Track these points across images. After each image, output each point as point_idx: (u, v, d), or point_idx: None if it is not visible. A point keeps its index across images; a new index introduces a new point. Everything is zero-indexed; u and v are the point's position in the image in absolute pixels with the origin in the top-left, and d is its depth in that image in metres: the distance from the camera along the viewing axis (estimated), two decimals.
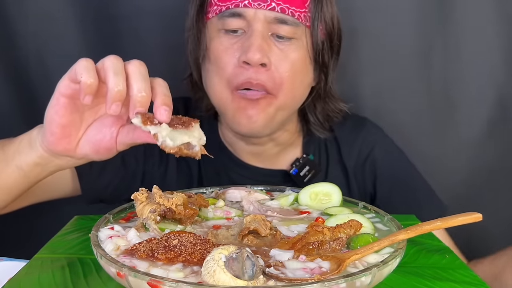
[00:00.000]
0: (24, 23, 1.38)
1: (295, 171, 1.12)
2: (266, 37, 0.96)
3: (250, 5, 0.95)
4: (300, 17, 0.96)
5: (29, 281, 0.64)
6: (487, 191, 1.47)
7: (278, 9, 0.95)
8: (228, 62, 0.97)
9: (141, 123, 0.67)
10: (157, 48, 1.42)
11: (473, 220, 0.62)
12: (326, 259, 0.57)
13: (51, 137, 0.77)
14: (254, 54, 0.93)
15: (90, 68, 0.70)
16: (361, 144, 1.17)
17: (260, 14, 0.95)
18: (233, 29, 0.98)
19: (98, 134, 0.79)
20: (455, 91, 1.44)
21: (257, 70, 0.95)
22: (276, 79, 0.97)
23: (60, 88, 0.74)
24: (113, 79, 0.68)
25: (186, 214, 0.68)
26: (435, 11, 1.39)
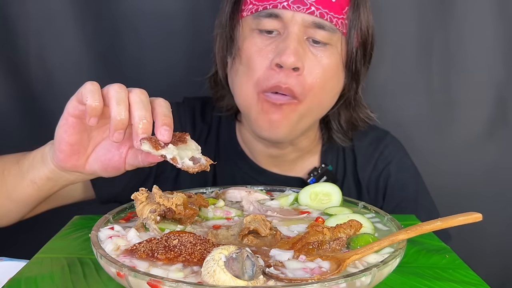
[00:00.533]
0: (25, 23, 1.39)
1: (312, 181, 1.11)
2: (301, 41, 0.94)
3: (289, 7, 0.92)
4: (337, 24, 0.95)
5: (29, 281, 0.64)
6: (487, 191, 1.48)
7: (317, 13, 0.93)
8: (260, 63, 0.95)
9: (151, 148, 0.69)
10: (156, 48, 1.42)
11: (473, 220, 0.62)
12: (326, 259, 0.57)
13: (60, 155, 0.80)
14: (288, 57, 0.91)
15: (95, 91, 0.73)
16: (377, 158, 1.15)
17: (298, 17, 0.93)
18: (268, 30, 0.95)
19: (107, 153, 0.81)
20: (455, 91, 1.44)
21: (289, 73, 0.93)
22: (306, 85, 0.95)
23: (68, 108, 0.77)
24: (115, 108, 0.71)
25: (186, 214, 0.68)
26: (435, 11, 1.39)
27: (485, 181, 1.47)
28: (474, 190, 1.47)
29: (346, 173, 1.15)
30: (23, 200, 0.91)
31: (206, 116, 1.17)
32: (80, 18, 1.40)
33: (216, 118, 1.16)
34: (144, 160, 0.78)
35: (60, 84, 1.43)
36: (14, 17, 1.38)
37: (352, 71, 1.01)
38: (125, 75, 1.45)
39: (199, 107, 1.17)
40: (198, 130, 1.16)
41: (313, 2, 0.93)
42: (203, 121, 1.16)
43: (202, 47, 1.09)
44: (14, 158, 0.93)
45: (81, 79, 1.48)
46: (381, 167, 1.15)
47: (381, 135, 1.19)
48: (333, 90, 1.02)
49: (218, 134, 1.16)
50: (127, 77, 1.45)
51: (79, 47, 1.42)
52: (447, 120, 1.46)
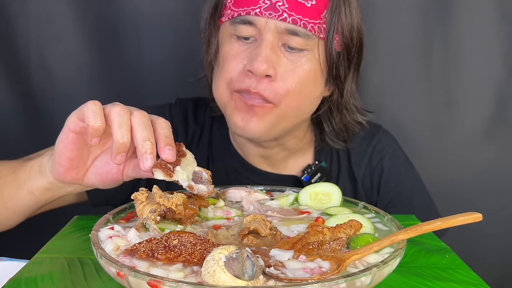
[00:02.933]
0: (25, 23, 1.39)
1: (306, 178, 1.10)
2: (275, 47, 0.94)
3: (261, 14, 0.92)
4: (313, 29, 0.94)
5: (29, 281, 0.64)
6: (487, 191, 1.48)
7: (289, 20, 0.92)
8: (234, 67, 0.96)
9: (165, 176, 0.71)
10: (156, 48, 1.43)
11: (473, 220, 0.62)
12: (326, 259, 0.57)
13: (60, 168, 0.81)
14: (259, 65, 0.92)
15: (97, 112, 0.74)
16: (371, 153, 1.15)
17: (271, 24, 0.93)
18: (244, 36, 0.96)
19: (105, 166, 0.83)
20: (455, 90, 1.44)
21: (260, 79, 0.94)
22: (280, 90, 0.95)
23: (69, 124, 0.78)
24: (118, 131, 0.73)
25: (186, 214, 0.68)
26: (435, 11, 1.39)
27: (485, 181, 1.47)
28: (474, 190, 1.47)
29: (341, 169, 1.15)
30: (20, 208, 0.92)
31: (198, 117, 1.17)
32: (80, 18, 1.40)
33: (209, 118, 1.16)
34: (143, 174, 0.79)
35: (60, 84, 1.43)
36: (14, 17, 1.38)
37: (333, 75, 1.00)
38: (125, 75, 1.45)
39: (191, 107, 1.18)
40: (190, 131, 1.16)
41: (286, 9, 0.92)
42: (196, 122, 1.17)
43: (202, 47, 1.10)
44: (10, 167, 0.93)
45: (81, 79, 1.50)
46: (375, 162, 1.15)
47: (373, 129, 1.18)
48: (312, 95, 1.01)
49: (211, 134, 1.16)
50: (127, 77, 1.45)
51: (79, 47, 1.42)
52: (447, 120, 1.46)
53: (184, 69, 1.15)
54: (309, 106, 1.03)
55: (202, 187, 0.75)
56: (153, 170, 0.71)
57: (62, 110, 1.42)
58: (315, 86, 1.00)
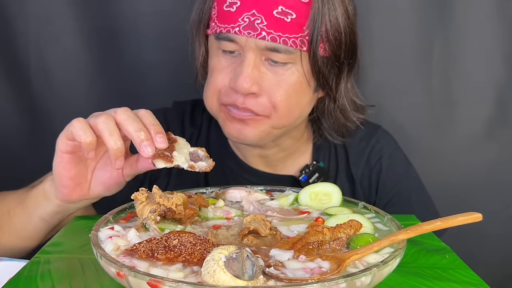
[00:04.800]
0: (24, 23, 1.39)
1: (304, 178, 1.11)
2: (258, 64, 0.94)
3: (240, 33, 0.92)
4: (295, 44, 0.92)
5: (29, 281, 0.64)
6: (487, 191, 1.48)
7: (268, 38, 0.91)
8: (221, 81, 0.97)
9: (166, 163, 0.75)
10: (156, 47, 1.43)
11: (473, 220, 0.62)
12: (326, 259, 0.57)
13: (64, 190, 0.85)
14: (242, 84, 0.92)
15: (85, 128, 0.77)
16: (369, 153, 1.15)
17: (251, 42, 0.92)
18: (229, 50, 0.96)
19: (105, 173, 0.86)
20: (455, 90, 1.44)
21: (246, 96, 0.94)
22: (267, 104, 0.95)
23: (60, 146, 0.81)
24: (110, 139, 0.76)
25: (186, 214, 0.68)
26: (435, 11, 1.39)
27: (485, 181, 1.47)
28: (474, 190, 1.47)
29: (339, 169, 1.15)
30: (34, 236, 0.94)
31: (195, 119, 1.17)
32: (80, 18, 1.40)
33: (207, 120, 1.16)
34: (142, 168, 0.83)
35: (60, 84, 1.43)
36: (13, 17, 1.38)
37: (322, 83, 0.99)
38: (125, 75, 1.45)
39: (188, 110, 1.18)
40: (188, 133, 1.16)
41: (265, 27, 0.91)
42: (192, 125, 1.17)
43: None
44: (17, 198, 0.96)
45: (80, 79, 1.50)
46: (373, 162, 1.15)
47: (372, 129, 1.18)
48: (301, 104, 1.01)
49: (209, 136, 1.16)
50: (126, 77, 1.45)
51: (78, 47, 1.42)
52: (447, 120, 1.46)
53: (184, 70, 1.15)
54: (300, 113, 1.03)
55: (202, 163, 0.78)
56: (154, 161, 0.74)
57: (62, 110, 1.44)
58: (302, 96, 0.99)
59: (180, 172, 1.14)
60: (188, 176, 1.13)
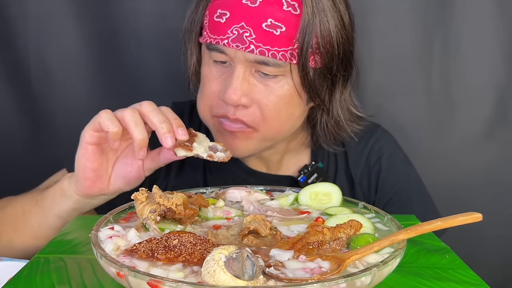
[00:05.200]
0: (24, 24, 1.39)
1: (303, 179, 1.10)
2: (248, 76, 0.93)
3: (229, 45, 0.91)
4: (284, 57, 0.91)
5: (29, 281, 0.64)
6: (487, 191, 1.48)
7: (257, 51, 0.89)
8: (212, 92, 0.97)
9: (186, 152, 0.84)
10: (156, 48, 1.43)
11: (473, 220, 0.62)
12: (326, 259, 0.57)
13: (86, 182, 0.89)
14: (230, 96, 0.92)
15: (112, 118, 0.84)
16: (368, 153, 1.14)
17: (239, 54, 0.91)
18: (220, 60, 0.96)
19: (126, 167, 0.92)
20: (455, 90, 1.44)
21: (236, 107, 0.94)
22: (257, 115, 0.95)
23: (86, 138, 0.87)
24: (135, 130, 0.83)
25: (186, 214, 0.68)
26: (435, 11, 1.39)
27: (485, 181, 1.47)
28: (474, 191, 1.47)
29: (338, 169, 1.14)
30: (49, 234, 0.94)
31: (194, 120, 1.16)
32: (80, 18, 1.40)
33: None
34: (164, 159, 0.90)
35: (60, 85, 1.43)
36: (13, 18, 1.38)
37: (313, 95, 0.98)
38: (125, 76, 1.45)
39: (187, 111, 1.18)
40: None
41: (253, 40, 0.89)
42: (191, 125, 1.16)
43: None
44: (31, 199, 0.99)
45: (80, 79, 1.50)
46: (373, 162, 1.14)
47: (372, 129, 1.17)
48: (292, 116, 1.00)
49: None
50: (127, 77, 1.45)
51: (78, 47, 1.42)
52: (447, 120, 1.46)
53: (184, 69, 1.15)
54: (291, 125, 1.02)
55: (220, 154, 0.87)
56: (175, 150, 0.82)
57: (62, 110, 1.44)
58: (294, 108, 0.98)
59: (179, 173, 1.14)
60: (187, 176, 1.14)
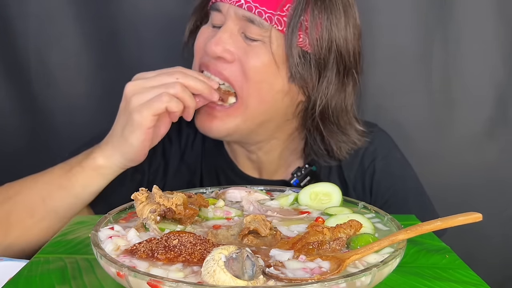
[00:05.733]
0: (24, 23, 1.39)
1: (296, 182, 1.09)
2: (234, 34, 0.96)
3: (223, 0, 0.96)
4: (270, 19, 0.93)
5: (29, 281, 0.64)
6: (487, 191, 1.48)
7: (245, 6, 0.93)
8: (199, 45, 1.02)
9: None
10: (156, 47, 1.42)
11: (473, 220, 0.62)
12: (326, 259, 0.57)
13: (142, 158, 0.97)
14: (211, 46, 0.94)
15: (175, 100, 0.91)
16: (362, 155, 1.12)
17: (231, 10, 0.95)
18: (216, 25, 0.99)
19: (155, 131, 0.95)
20: (455, 90, 1.44)
21: (217, 59, 0.96)
22: (237, 72, 0.96)
23: (148, 124, 0.91)
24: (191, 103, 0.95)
25: (186, 214, 0.68)
26: (435, 11, 1.39)
27: (485, 181, 1.47)
28: (474, 190, 1.47)
29: (331, 172, 1.13)
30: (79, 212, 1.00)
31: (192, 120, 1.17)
32: (80, 18, 1.40)
33: None
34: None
35: (60, 84, 1.43)
36: (13, 18, 1.38)
37: (295, 76, 0.97)
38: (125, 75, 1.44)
39: None
40: (184, 135, 1.17)
41: None
42: (189, 125, 1.16)
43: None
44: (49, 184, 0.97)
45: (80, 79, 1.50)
46: (367, 164, 1.12)
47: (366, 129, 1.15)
48: (273, 87, 0.98)
49: (204, 139, 1.16)
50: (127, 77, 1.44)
51: (78, 47, 1.42)
52: (447, 120, 1.46)
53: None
54: (273, 100, 0.99)
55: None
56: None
57: (62, 109, 1.44)
58: (274, 77, 0.97)
59: (176, 173, 1.14)
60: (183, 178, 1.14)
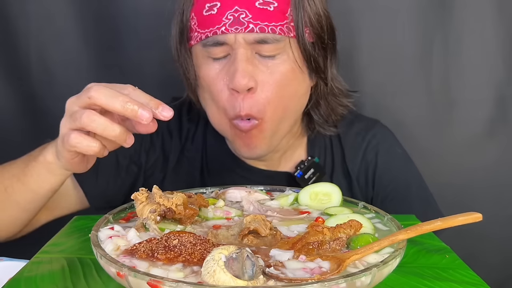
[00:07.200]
0: (25, 23, 1.39)
1: (299, 174, 1.10)
2: (250, 58, 0.93)
3: (228, 31, 0.91)
4: (282, 31, 0.93)
5: (29, 281, 0.64)
6: (487, 191, 1.48)
7: (257, 29, 0.91)
8: (220, 89, 0.96)
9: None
10: (156, 47, 1.42)
11: (473, 220, 0.62)
12: (326, 259, 0.57)
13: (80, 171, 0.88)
14: (239, 81, 0.91)
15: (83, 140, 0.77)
16: (365, 148, 1.14)
17: (239, 38, 0.92)
18: (219, 57, 0.95)
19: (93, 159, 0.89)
20: (455, 90, 1.44)
21: (244, 97, 0.94)
22: (261, 101, 0.95)
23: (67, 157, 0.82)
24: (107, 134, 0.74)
25: (186, 214, 0.68)
26: (435, 11, 1.39)
27: (485, 181, 1.47)
28: (474, 190, 1.47)
29: (335, 165, 1.14)
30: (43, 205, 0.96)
31: (193, 115, 1.17)
32: (80, 18, 1.40)
33: (204, 116, 1.15)
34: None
35: (60, 84, 1.43)
36: (14, 17, 1.38)
37: (314, 67, 0.99)
38: (125, 75, 1.45)
39: (186, 106, 1.17)
40: (184, 130, 1.16)
41: (251, 19, 0.91)
42: (190, 121, 1.17)
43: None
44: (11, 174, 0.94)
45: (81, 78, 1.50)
46: (369, 158, 1.14)
47: (369, 124, 1.17)
48: (297, 93, 1.00)
49: (205, 132, 1.16)
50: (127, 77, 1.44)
51: (79, 47, 1.42)
52: (447, 119, 1.46)
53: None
54: (297, 104, 1.02)
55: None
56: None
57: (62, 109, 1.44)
58: (298, 84, 0.99)
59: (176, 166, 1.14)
60: (183, 171, 1.14)
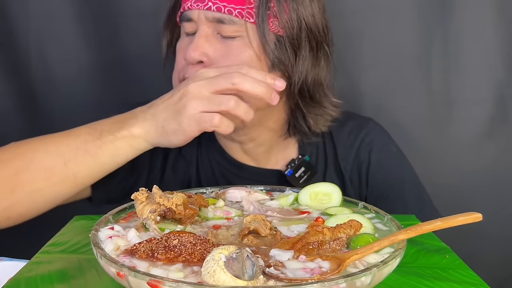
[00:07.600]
0: (25, 23, 1.39)
1: (290, 172, 1.10)
2: (209, 36, 0.97)
3: (192, 7, 0.97)
4: (240, 14, 0.95)
5: (29, 281, 0.64)
6: (487, 191, 1.48)
7: (214, 8, 0.95)
8: (180, 60, 1.03)
9: None
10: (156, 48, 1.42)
11: (473, 220, 0.62)
12: (326, 259, 0.57)
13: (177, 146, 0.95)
14: (189, 53, 0.96)
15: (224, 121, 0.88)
16: (358, 147, 1.13)
17: (201, 15, 0.97)
18: (190, 32, 1.00)
19: None
20: (455, 90, 1.44)
21: (193, 67, 0.98)
22: None
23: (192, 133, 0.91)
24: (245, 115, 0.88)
25: (186, 214, 0.68)
26: (435, 11, 1.39)
27: (485, 181, 1.47)
28: (474, 190, 1.47)
29: (328, 164, 1.13)
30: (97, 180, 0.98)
31: None
32: (80, 17, 1.40)
33: None
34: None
35: (60, 83, 1.44)
36: (14, 16, 1.38)
37: (275, 62, 0.98)
38: (125, 75, 1.45)
39: None
40: None
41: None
42: None
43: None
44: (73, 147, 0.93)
45: (81, 78, 1.50)
46: (363, 156, 1.13)
47: (362, 123, 1.17)
48: None
49: None
50: (127, 76, 1.45)
51: (79, 46, 1.42)
52: (447, 119, 1.46)
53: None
54: None
55: None
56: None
57: (62, 109, 1.45)
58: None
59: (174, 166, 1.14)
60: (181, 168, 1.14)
